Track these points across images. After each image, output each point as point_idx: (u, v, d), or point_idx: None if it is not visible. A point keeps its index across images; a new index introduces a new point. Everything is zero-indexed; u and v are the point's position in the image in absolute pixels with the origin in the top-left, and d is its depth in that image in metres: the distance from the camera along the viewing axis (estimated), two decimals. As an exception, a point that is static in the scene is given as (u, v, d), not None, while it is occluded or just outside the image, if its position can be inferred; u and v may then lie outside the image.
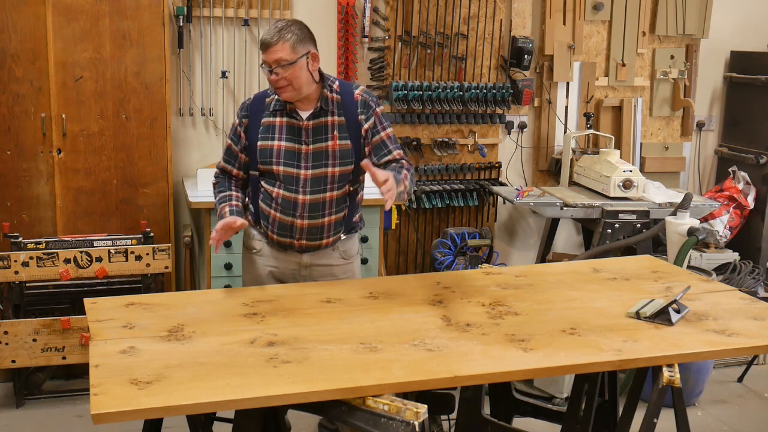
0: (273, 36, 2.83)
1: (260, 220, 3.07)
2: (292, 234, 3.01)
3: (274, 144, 2.96)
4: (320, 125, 2.95)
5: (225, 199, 3.01)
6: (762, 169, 5.28)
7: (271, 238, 3.05)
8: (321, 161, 2.95)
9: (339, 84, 3.01)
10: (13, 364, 3.96)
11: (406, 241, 5.09)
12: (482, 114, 5.04)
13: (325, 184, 2.97)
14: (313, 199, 2.97)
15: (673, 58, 5.36)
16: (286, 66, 2.82)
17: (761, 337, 2.53)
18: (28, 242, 3.98)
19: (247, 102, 3.06)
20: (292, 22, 2.91)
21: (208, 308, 2.63)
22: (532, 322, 2.57)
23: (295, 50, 2.83)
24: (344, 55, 4.73)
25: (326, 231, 3.03)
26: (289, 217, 2.98)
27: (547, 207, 4.56)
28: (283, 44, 2.81)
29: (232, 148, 3.06)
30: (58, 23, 4.03)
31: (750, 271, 4.91)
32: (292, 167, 2.95)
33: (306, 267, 3.07)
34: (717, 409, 4.28)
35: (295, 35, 2.84)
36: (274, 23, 2.90)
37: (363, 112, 2.99)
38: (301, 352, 2.28)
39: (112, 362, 2.20)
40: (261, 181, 3.02)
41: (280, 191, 2.97)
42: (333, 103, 2.96)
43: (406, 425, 2.03)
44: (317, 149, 2.95)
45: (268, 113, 2.98)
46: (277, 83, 2.86)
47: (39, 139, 4.11)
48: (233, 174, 3.08)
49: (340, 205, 3.03)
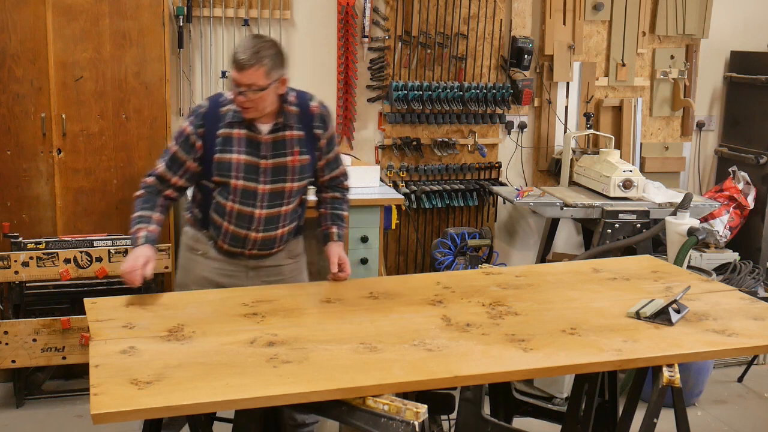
0: (250, 58, 2.69)
1: (208, 226, 2.98)
2: (244, 245, 2.95)
3: (233, 157, 2.85)
4: (279, 140, 2.88)
5: (143, 220, 2.83)
6: (762, 169, 5.28)
7: (220, 246, 2.97)
8: (280, 176, 2.90)
9: (295, 95, 2.94)
10: (13, 364, 3.96)
11: (406, 241, 5.09)
12: (482, 114, 5.04)
13: (283, 198, 2.93)
14: (270, 213, 2.92)
15: (673, 58, 5.36)
16: (257, 91, 2.73)
17: (761, 337, 2.53)
18: (28, 242, 3.99)
19: (201, 110, 2.89)
20: (269, 44, 2.77)
21: (208, 308, 2.63)
22: (532, 322, 2.57)
23: (269, 76, 2.74)
24: (344, 55, 4.73)
25: (279, 241, 3.00)
26: (244, 230, 2.92)
27: (547, 207, 4.56)
28: (258, 68, 2.70)
29: (178, 155, 2.88)
30: (58, 23, 4.03)
31: (750, 271, 4.91)
32: (251, 181, 2.87)
33: (254, 269, 3.02)
34: (717, 409, 4.28)
35: (272, 60, 2.73)
36: (250, 39, 2.77)
37: (320, 126, 2.95)
38: (301, 352, 2.28)
39: (112, 362, 2.20)
40: (214, 192, 2.91)
41: (236, 205, 2.89)
42: (292, 117, 2.90)
43: (406, 425, 2.03)
44: (277, 164, 2.89)
45: (224, 124, 2.85)
46: (243, 104, 2.77)
47: (39, 139, 4.11)
48: (171, 182, 2.91)
49: (293, 216, 3.02)
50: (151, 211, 2.86)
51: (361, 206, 4.22)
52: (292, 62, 4.73)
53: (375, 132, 4.98)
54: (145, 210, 2.86)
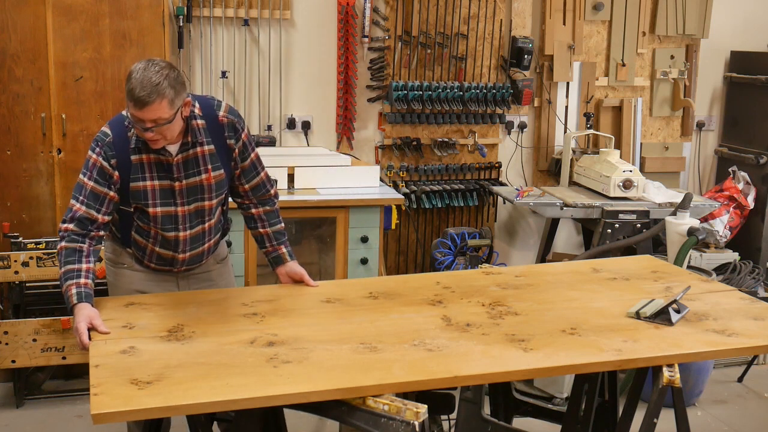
0: (150, 93, 2.46)
1: (130, 245, 2.85)
2: (172, 265, 2.87)
3: (147, 184, 2.69)
4: (190, 158, 2.71)
5: (73, 275, 2.57)
6: (762, 169, 5.28)
7: (147, 265, 2.87)
8: (197, 195, 2.77)
9: (200, 105, 2.74)
10: (13, 364, 3.95)
11: (406, 241, 5.09)
12: (482, 114, 5.04)
13: (204, 216, 2.82)
14: (193, 233, 2.81)
15: (673, 58, 5.36)
16: (163, 124, 2.53)
17: (761, 337, 2.53)
18: (28, 242, 3.99)
19: (109, 140, 2.66)
20: (165, 71, 2.52)
21: (208, 308, 2.63)
22: (532, 322, 2.57)
23: (173, 105, 2.53)
24: (344, 55, 4.73)
25: (206, 254, 2.93)
26: (170, 251, 2.82)
27: (547, 207, 4.56)
28: (160, 102, 2.48)
29: (97, 190, 2.65)
30: (58, 23, 4.03)
31: (750, 271, 4.91)
32: (168, 206, 2.74)
33: (184, 278, 2.94)
34: (717, 409, 4.28)
35: (172, 89, 2.50)
36: (143, 71, 2.51)
37: (231, 135, 2.78)
38: (301, 352, 2.28)
39: (112, 362, 2.21)
40: (134, 216, 2.77)
41: (159, 230, 2.77)
42: (200, 132, 2.71)
43: (406, 425, 2.03)
44: (191, 184, 2.74)
45: (132, 150, 2.67)
46: (151, 138, 2.57)
47: (39, 139, 4.11)
48: (98, 221, 2.66)
49: (217, 227, 2.93)
50: (78, 264, 2.60)
51: (361, 206, 4.23)
52: (292, 62, 4.78)
53: (375, 132, 4.98)
54: (70, 264, 2.60)
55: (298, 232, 4.50)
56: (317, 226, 4.51)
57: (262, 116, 4.76)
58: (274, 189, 3.01)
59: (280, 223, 3.01)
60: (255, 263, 4.15)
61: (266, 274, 4.03)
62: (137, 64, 2.55)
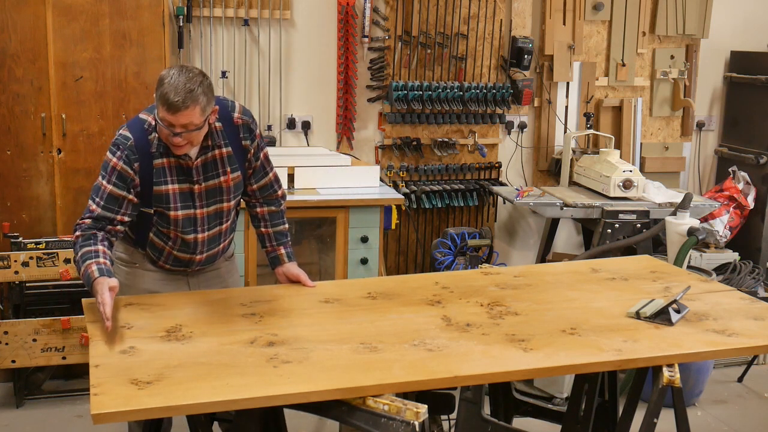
0: (185, 99, 2.48)
1: (145, 246, 2.84)
2: (188, 265, 2.89)
3: (168, 188, 2.71)
4: (209, 161, 2.74)
5: (90, 255, 2.57)
6: (762, 169, 5.28)
7: (161, 266, 2.88)
8: (215, 198, 2.80)
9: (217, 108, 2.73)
10: (13, 364, 3.96)
11: (406, 241, 5.09)
12: (482, 114, 5.04)
13: (222, 218, 2.86)
14: (211, 234, 2.85)
15: (673, 58, 5.36)
16: (194, 130, 2.57)
17: (761, 337, 2.53)
18: (28, 242, 3.99)
19: (130, 143, 2.66)
20: (199, 78, 2.55)
21: (207, 308, 2.63)
22: (532, 322, 2.57)
23: (204, 112, 2.56)
24: (344, 55, 4.73)
25: (220, 254, 2.96)
26: (188, 254, 2.84)
27: (547, 207, 4.56)
28: (194, 108, 2.51)
29: (116, 194, 2.65)
30: (58, 23, 4.03)
31: (750, 271, 4.92)
32: (188, 209, 2.76)
33: (194, 276, 2.95)
34: (717, 409, 4.28)
35: (205, 96, 2.54)
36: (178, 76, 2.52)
37: (246, 137, 2.81)
38: (301, 352, 2.28)
39: (112, 362, 2.20)
40: (153, 218, 2.77)
41: (178, 233, 2.78)
42: (218, 135, 2.74)
43: (406, 425, 2.03)
44: (210, 186, 2.77)
45: (154, 153, 2.68)
46: (178, 143, 2.60)
47: (39, 139, 4.11)
48: (116, 220, 2.67)
49: (232, 227, 2.97)
50: (95, 246, 2.59)
51: (361, 206, 4.23)
52: (292, 62, 4.78)
53: (375, 132, 4.98)
54: (87, 246, 2.59)
55: (298, 232, 4.50)
56: (317, 226, 4.50)
57: (262, 116, 4.76)
58: (281, 189, 3.04)
59: (283, 224, 3.02)
60: (255, 263, 4.15)
61: (266, 274, 4.03)
62: (170, 70, 2.56)
